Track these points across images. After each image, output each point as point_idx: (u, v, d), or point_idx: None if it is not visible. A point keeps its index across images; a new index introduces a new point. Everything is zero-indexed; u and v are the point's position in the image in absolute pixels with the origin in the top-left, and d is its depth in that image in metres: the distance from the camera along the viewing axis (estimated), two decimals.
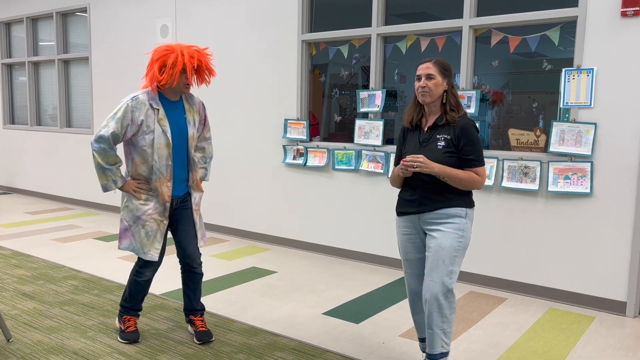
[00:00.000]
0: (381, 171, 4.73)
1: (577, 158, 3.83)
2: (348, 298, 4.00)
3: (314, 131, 5.38)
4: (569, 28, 3.95)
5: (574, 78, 3.81)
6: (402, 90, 5.87)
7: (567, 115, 3.89)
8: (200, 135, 3.23)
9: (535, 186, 3.98)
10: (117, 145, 2.95)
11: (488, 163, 4.14)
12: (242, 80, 5.65)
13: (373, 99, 4.77)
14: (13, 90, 8.57)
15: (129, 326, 3.19)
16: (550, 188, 3.92)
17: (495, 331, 3.44)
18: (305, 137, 5.17)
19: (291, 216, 5.40)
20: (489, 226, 4.25)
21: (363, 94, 4.84)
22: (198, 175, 3.16)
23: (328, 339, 3.26)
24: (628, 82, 3.64)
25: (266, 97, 5.47)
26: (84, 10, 7.21)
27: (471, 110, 4.21)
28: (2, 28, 8.35)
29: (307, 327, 3.43)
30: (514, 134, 4.21)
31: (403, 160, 2.52)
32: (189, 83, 2.97)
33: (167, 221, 3.08)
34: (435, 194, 2.54)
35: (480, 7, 4.25)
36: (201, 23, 5.92)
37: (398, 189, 2.74)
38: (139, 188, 2.99)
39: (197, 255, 3.18)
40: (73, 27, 7.50)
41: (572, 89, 3.82)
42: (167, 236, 3.14)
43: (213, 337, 3.21)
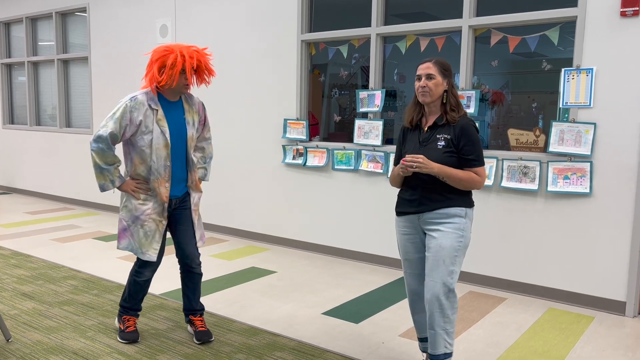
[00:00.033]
0: (381, 171, 4.73)
1: (577, 158, 3.83)
2: (348, 298, 4.00)
3: (314, 131, 5.38)
4: (569, 28, 3.95)
5: (574, 78, 3.82)
6: (402, 90, 5.88)
7: (567, 115, 3.90)
8: (200, 135, 3.23)
9: (534, 186, 3.98)
10: (117, 145, 2.94)
11: (487, 163, 4.14)
12: (242, 80, 5.65)
13: (372, 99, 4.77)
14: (12, 90, 8.57)
15: (129, 326, 3.19)
16: (549, 188, 3.92)
17: (494, 331, 3.44)
18: (304, 137, 5.17)
19: (291, 216, 5.40)
20: (489, 226, 4.25)
21: (362, 94, 4.83)
22: (197, 175, 3.16)
23: (327, 339, 3.26)
24: (627, 82, 3.65)
25: (266, 97, 5.47)
26: (84, 10, 7.20)
27: (471, 110, 4.21)
28: (2, 28, 8.34)
29: (307, 327, 3.43)
30: (514, 134, 4.21)
31: (403, 159, 2.52)
32: (189, 83, 2.97)
33: (166, 221, 3.07)
34: (435, 194, 2.54)
35: (479, 7, 4.25)
36: (201, 23, 5.91)
37: (397, 189, 2.74)
38: (138, 188, 2.99)
39: (196, 255, 3.17)
40: (72, 27, 7.49)
41: (572, 89, 3.82)
42: (167, 236, 3.14)
43: (212, 337, 3.21)
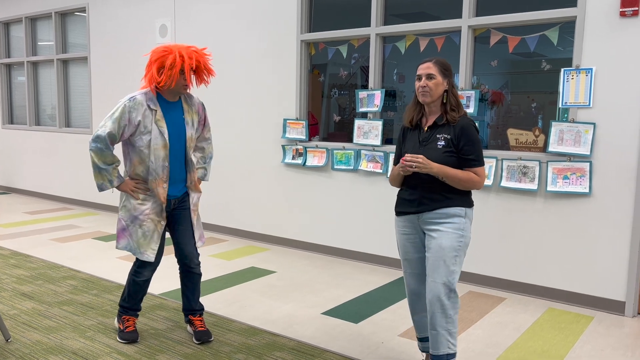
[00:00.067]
0: (380, 171, 4.74)
1: (576, 158, 3.83)
2: (347, 298, 4.00)
3: (313, 131, 5.38)
4: (568, 28, 3.95)
5: (573, 78, 3.82)
6: (401, 90, 5.87)
7: (566, 115, 3.90)
8: (200, 135, 3.23)
9: (534, 186, 3.98)
10: (116, 145, 2.94)
11: (487, 163, 4.14)
12: (242, 80, 5.65)
13: (372, 99, 4.77)
14: (12, 90, 8.57)
15: (128, 326, 3.19)
16: (549, 188, 3.92)
17: (494, 331, 3.44)
18: (304, 137, 5.17)
19: (290, 216, 5.40)
20: (488, 226, 4.25)
21: (362, 94, 4.83)
22: (196, 175, 3.16)
23: (327, 339, 3.26)
24: (627, 82, 3.65)
25: (266, 97, 5.47)
26: (83, 10, 7.20)
27: (470, 110, 4.21)
28: (1, 28, 8.34)
29: (306, 327, 3.43)
30: (513, 134, 4.21)
31: (403, 158, 2.52)
32: (188, 84, 2.96)
33: (165, 222, 3.07)
34: (434, 194, 2.54)
35: (479, 7, 4.25)
36: (201, 23, 5.91)
37: (397, 189, 2.74)
38: (137, 188, 2.99)
39: (195, 255, 3.17)
40: (72, 27, 7.49)
41: (571, 89, 3.83)
42: (166, 236, 3.14)
43: (212, 337, 3.21)
